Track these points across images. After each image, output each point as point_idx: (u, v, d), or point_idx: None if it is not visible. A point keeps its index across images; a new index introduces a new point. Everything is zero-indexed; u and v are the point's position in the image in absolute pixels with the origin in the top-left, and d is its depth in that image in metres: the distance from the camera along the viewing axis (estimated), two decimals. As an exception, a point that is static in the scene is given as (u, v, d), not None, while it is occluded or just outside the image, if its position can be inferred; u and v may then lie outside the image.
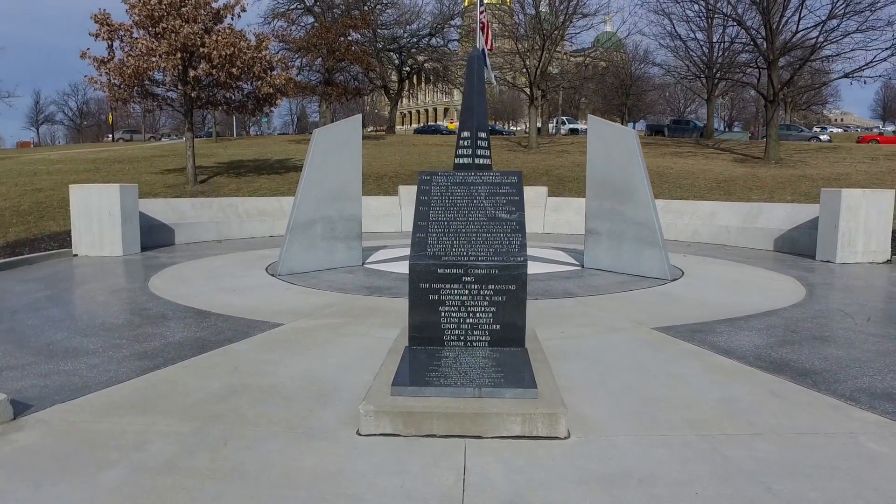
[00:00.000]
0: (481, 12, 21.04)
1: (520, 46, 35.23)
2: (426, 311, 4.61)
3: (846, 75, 27.69)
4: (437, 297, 4.59)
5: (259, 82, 19.57)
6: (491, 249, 4.67)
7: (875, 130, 57.48)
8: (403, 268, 9.85)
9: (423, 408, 3.68)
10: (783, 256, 12.25)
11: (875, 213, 11.61)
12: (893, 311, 7.34)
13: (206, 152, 32.11)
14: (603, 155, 9.69)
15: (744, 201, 16.96)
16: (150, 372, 4.86)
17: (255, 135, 78.32)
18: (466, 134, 9.91)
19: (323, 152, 9.51)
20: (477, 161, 9.85)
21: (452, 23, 53.32)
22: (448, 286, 4.58)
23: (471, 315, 4.61)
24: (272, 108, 21.44)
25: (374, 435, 3.65)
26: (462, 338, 4.63)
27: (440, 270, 4.58)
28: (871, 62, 26.59)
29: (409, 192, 16.99)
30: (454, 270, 4.57)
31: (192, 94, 18.67)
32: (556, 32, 34.83)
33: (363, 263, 10.26)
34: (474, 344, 4.63)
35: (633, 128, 66.19)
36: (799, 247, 12.68)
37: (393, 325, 6.22)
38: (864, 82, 27.57)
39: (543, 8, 35.02)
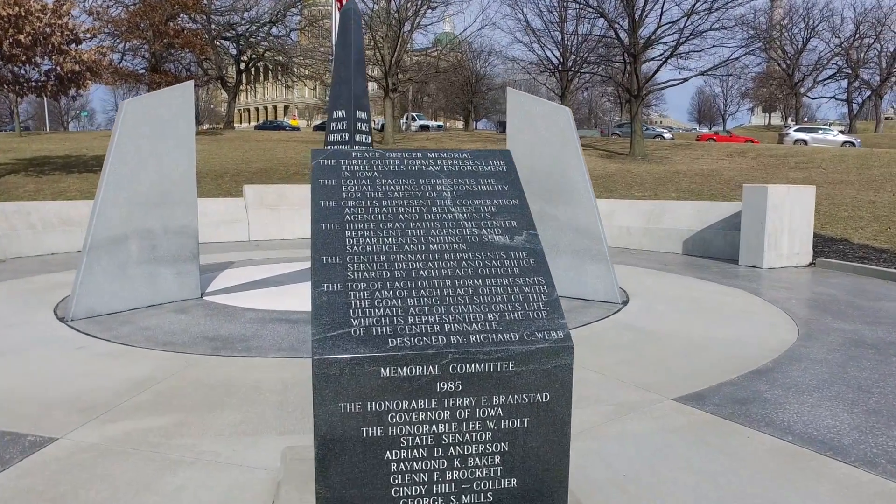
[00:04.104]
0: None
1: (375, 36, 32.74)
2: (357, 462, 2.04)
3: (702, 73, 27.79)
4: (379, 431, 2.04)
5: (61, 57, 15.61)
6: (491, 315, 2.18)
7: (720, 131, 60.67)
8: (261, 301, 6.99)
9: None
10: (700, 261, 10.68)
11: (798, 213, 10.33)
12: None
13: (4, 147, 27.32)
14: (528, 140, 7.38)
15: (628, 199, 15.66)
16: None
17: (75, 130, 69.59)
18: (340, 114, 7.29)
19: (136, 134, 6.44)
20: (356, 151, 7.31)
21: (294, 11, 49.44)
22: (404, 404, 2.04)
23: (456, 463, 2.10)
24: (80, 91, 17.41)
25: None
26: (437, 513, 2.11)
27: (386, 371, 2.02)
28: (728, 60, 26.87)
29: (257, 193, 13.97)
30: (417, 368, 2.04)
31: (-35, 69, 14.48)
32: (408, 21, 32.83)
33: (202, 295, 7.26)
34: (461, 521, 2.13)
35: (476, 127, 66.00)
36: (712, 249, 11.21)
37: (263, 425, 3.54)
38: (720, 80, 28.12)
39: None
